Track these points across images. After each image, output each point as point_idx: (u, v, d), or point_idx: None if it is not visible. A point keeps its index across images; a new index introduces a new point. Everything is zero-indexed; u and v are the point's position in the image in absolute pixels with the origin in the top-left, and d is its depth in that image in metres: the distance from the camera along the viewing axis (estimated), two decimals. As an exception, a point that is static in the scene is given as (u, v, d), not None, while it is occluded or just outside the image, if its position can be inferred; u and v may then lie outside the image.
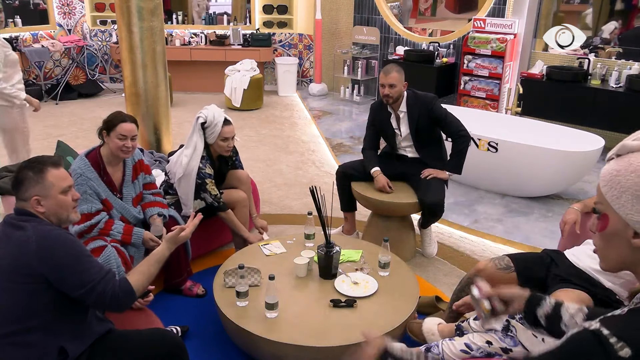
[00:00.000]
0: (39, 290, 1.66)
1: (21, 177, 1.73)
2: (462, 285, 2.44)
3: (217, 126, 2.95)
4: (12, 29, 7.14)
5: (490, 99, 5.87)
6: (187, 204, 3.05)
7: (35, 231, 1.68)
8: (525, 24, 5.78)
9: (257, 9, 8.01)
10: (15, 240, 1.68)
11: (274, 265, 2.66)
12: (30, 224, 1.70)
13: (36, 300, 1.66)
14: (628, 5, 5.47)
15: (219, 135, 2.96)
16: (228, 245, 3.43)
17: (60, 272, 1.66)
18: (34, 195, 1.72)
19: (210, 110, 2.97)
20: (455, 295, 2.45)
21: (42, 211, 1.74)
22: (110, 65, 8.13)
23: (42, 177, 1.73)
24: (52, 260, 1.65)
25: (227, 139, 3.00)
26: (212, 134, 2.96)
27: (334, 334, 2.18)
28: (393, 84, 3.17)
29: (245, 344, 2.32)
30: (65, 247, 1.69)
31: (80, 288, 1.68)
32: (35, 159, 1.79)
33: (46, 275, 1.65)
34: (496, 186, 4.38)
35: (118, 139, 2.56)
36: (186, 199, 3.04)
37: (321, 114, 6.93)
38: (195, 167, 2.96)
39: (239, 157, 3.34)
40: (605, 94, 5.06)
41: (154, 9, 3.69)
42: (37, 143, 5.55)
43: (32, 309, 1.67)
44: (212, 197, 2.99)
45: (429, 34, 7.05)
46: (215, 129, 2.95)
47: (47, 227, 1.72)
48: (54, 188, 1.75)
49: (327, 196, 2.68)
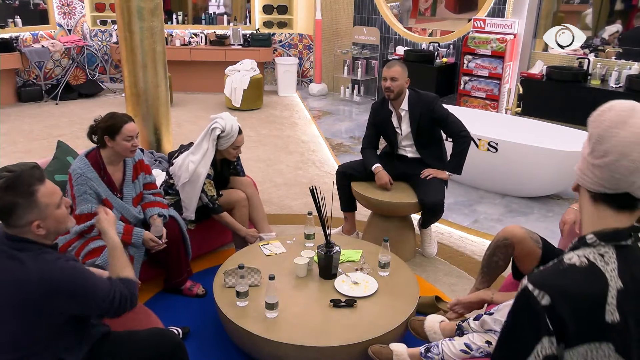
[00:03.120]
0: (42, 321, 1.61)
1: (9, 205, 1.54)
2: (492, 249, 2.39)
3: (233, 137, 2.99)
4: (12, 29, 7.14)
5: (490, 99, 5.87)
6: (189, 208, 3.03)
7: (36, 267, 1.57)
8: (525, 24, 5.78)
9: (257, 9, 8.01)
10: (12, 273, 1.57)
11: (274, 265, 2.66)
12: (26, 254, 1.58)
13: (39, 329, 1.61)
14: (628, 5, 5.47)
15: (232, 144, 3.00)
16: (228, 245, 3.44)
17: (71, 306, 1.63)
18: (33, 221, 1.58)
19: (228, 121, 2.98)
20: (486, 261, 2.41)
21: (42, 233, 1.61)
22: (110, 65, 8.13)
23: (33, 200, 1.57)
24: (60, 299, 1.58)
25: (238, 147, 3.05)
26: (226, 143, 2.99)
27: (334, 334, 2.18)
28: (395, 77, 3.17)
29: (245, 344, 2.33)
30: (72, 281, 1.61)
31: (97, 310, 1.68)
32: (13, 179, 1.56)
33: (56, 311, 1.60)
34: (496, 186, 4.38)
35: (126, 140, 2.54)
36: (189, 204, 3.03)
37: (321, 114, 6.93)
38: (202, 174, 2.96)
39: (240, 161, 3.35)
40: (605, 94, 5.06)
41: (154, 9, 3.69)
42: (37, 143, 5.56)
43: (34, 337, 1.61)
44: (208, 198, 2.98)
45: (429, 34, 7.05)
46: (231, 139, 2.99)
47: (46, 257, 1.60)
48: (50, 207, 1.61)
49: (327, 196, 2.68)
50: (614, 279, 1.03)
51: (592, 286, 1.03)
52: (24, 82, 7.35)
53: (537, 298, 1.02)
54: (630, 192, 1.05)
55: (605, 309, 1.01)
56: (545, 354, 1.01)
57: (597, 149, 1.07)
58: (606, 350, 1.00)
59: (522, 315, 1.05)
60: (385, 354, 2.16)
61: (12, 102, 7.19)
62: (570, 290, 1.02)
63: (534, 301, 1.03)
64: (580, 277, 1.04)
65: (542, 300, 1.02)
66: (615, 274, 1.03)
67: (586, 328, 1.01)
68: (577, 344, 1.01)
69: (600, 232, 1.07)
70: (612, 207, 1.08)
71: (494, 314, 2.03)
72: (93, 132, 2.59)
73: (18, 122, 6.37)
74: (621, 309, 1.01)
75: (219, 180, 3.15)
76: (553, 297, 1.01)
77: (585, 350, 1.01)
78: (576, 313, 1.01)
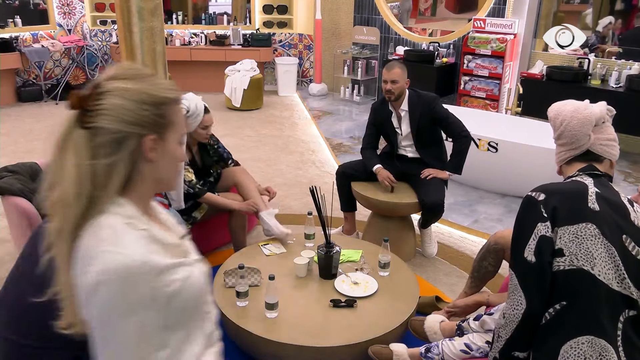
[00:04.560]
0: None
1: None
2: (482, 254, 2.44)
3: (199, 116, 2.95)
4: (12, 29, 7.14)
5: (490, 99, 5.87)
6: (176, 198, 2.97)
7: None
8: (525, 24, 5.78)
9: (257, 9, 8.01)
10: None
11: (274, 265, 2.66)
12: None
13: None
14: (628, 5, 5.48)
15: (200, 124, 2.98)
16: (228, 245, 3.43)
17: None
18: None
19: (192, 100, 2.94)
20: (476, 266, 2.46)
21: None
22: (110, 65, 8.12)
23: None
24: None
25: (207, 127, 3.02)
26: (193, 123, 2.96)
27: (334, 334, 2.18)
28: (395, 80, 3.17)
29: (245, 344, 2.32)
30: None
31: None
32: None
33: None
34: (496, 186, 4.38)
35: None
36: (175, 193, 2.96)
37: (321, 114, 6.93)
38: None
39: (222, 144, 3.30)
40: (605, 94, 5.06)
41: (154, 9, 3.68)
42: (37, 143, 5.56)
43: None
44: (187, 184, 2.94)
45: (429, 34, 7.05)
46: (197, 118, 2.95)
47: None
48: None
49: (327, 196, 2.68)
50: (591, 186, 1.50)
51: (576, 187, 1.52)
52: (24, 82, 7.35)
53: (535, 196, 1.51)
54: (589, 148, 1.58)
55: (587, 199, 1.47)
56: (540, 234, 1.46)
57: (555, 125, 1.63)
58: (591, 230, 1.43)
59: (525, 209, 1.52)
60: (385, 354, 2.16)
61: (12, 102, 7.19)
62: (560, 189, 1.53)
63: (533, 198, 1.51)
64: (567, 183, 1.57)
65: (539, 197, 1.50)
66: (592, 184, 1.51)
67: (574, 212, 1.45)
68: (568, 224, 1.44)
69: (580, 169, 1.58)
70: (582, 161, 1.60)
71: (494, 314, 2.03)
72: None
73: (18, 122, 6.37)
74: (598, 203, 1.46)
75: (201, 169, 3.14)
76: (547, 193, 1.50)
77: (575, 229, 1.44)
78: (566, 202, 1.47)
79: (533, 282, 1.45)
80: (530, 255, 1.45)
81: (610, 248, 1.41)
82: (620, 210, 1.48)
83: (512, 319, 1.47)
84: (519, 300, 1.45)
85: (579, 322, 1.41)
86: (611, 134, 1.61)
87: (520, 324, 1.46)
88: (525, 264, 1.45)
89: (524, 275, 1.46)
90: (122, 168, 0.97)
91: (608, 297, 1.40)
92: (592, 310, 1.40)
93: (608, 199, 1.48)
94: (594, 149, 1.58)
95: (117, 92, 0.95)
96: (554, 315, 1.44)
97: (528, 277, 1.45)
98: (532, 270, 1.45)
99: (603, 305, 1.40)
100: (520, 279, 1.47)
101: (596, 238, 1.41)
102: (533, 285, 1.44)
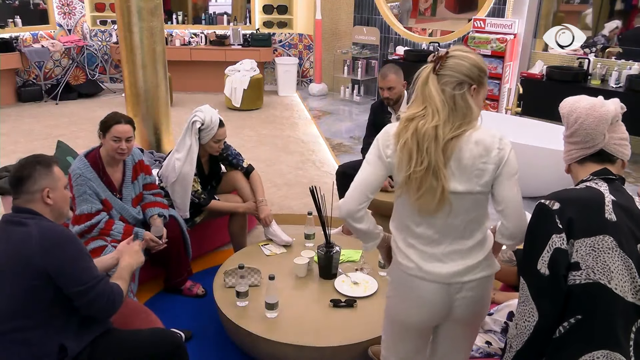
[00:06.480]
0: (39, 287, 1.66)
1: (29, 171, 1.74)
2: None
3: (214, 129, 2.90)
4: (12, 29, 7.14)
5: (490, 99, 5.87)
6: (182, 208, 2.98)
7: (38, 227, 1.69)
8: (525, 24, 5.78)
9: (257, 9, 8.01)
10: (16, 236, 1.68)
11: (274, 265, 2.66)
12: (32, 220, 1.70)
13: (35, 297, 1.66)
14: (628, 5, 5.48)
15: (213, 137, 2.93)
16: (228, 245, 3.43)
17: (62, 266, 1.67)
18: (45, 187, 1.74)
19: (207, 113, 2.90)
20: None
21: (50, 203, 1.75)
22: (110, 65, 8.13)
23: (51, 170, 1.77)
24: (55, 253, 1.66)
25: (220, 140, 2.97)
26: (207, 136, 2.91)
27: (334, 334, 2.18)
28: (391, 87, 3.18)
29: (245, 344, 2.33)
30: (69, 242, 1.71)
31: (78, 285, 1.69)
32: (33, 157, 1.81)
33: (47, 270, 1.65)
34: (496, 186, 4.37)
35: (112, 140, 2.54)
36: (181, 203, 2.97)
37: (321, 114, 6.93)
38: (190, 172, 2.89)
39: (233, 150, 3.20)
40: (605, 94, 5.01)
41: (154, 9, 3.69)
42: (37, 143, 5.56)
43: (31, 306, 1.67)
44: (192, 194, 2.94)
45: (429, 34, 7.05)
46: (211, 132, 2.90)
47: (49, 223, 1.73)
48: (60, 182, 1.80)
49: (327, 196, 2.68)
50: (607, 194, 1.39)
51: (592, 195, 1.40)
52: (24, 82, 7.35)
53: (549, 205, 1.40)
54: (603, 147, 1.47)
55: (604, 209, 1.37)
56: (555, 246, 1.36)
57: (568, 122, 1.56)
58: (608, 242, 1.34)
59: (538, 219, 1.42)
60: None
61: (12, 102, 7.19)
62: (576, 197, 1.41)
63: (546, 207, 1.40)
64: (582, 191, 1.44)
65: (553, 206, 1.39)
66: (607, 192, 1.40)
67: (591, 224, 1.35)
68: (585, 236, 1.34)
69: (593, 172, 1.47)
70: (595, 161, 1.48)
71: (494, 314, 2.03)
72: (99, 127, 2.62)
73: (18, 122, 6.37)
74: (615, 212, 1.37)
75: (209, 176, 3.13)
76: (562, 202, 1.38)
77: (592, 242, 1.34)
78: (582, 213, 1.36)
79: (546, 295, 1.37)
80: (544, 268, 1.36)
81: (628, 260, 1.34)
82: (635, 218, 1.40)
83: (524, 330, 1.41)
84: (531, 312, 1.39)
85: (595, 336, 1.35)
86: (624, 132, 1.54)
87: (531, 336, 1.40)
88: (538, 276, 1.38)
89: (537, 288, 1.39)
90: None
91: (623, 310, 1.35)
92: (609, 324, 1.35)
93: (624, 207, 1.40)
94: (608, 148, 1.47)
95: (458, 57, 1.54)
96: (568, 329, 1.37)
97: (541, 290, 1.38)
98: (546, 283, 1.37)
99: (618, 318, 1.35)
100: (533, 291, 1.39)
101: (613, 251, 1.34)
102: (546, 298, 1.37)
